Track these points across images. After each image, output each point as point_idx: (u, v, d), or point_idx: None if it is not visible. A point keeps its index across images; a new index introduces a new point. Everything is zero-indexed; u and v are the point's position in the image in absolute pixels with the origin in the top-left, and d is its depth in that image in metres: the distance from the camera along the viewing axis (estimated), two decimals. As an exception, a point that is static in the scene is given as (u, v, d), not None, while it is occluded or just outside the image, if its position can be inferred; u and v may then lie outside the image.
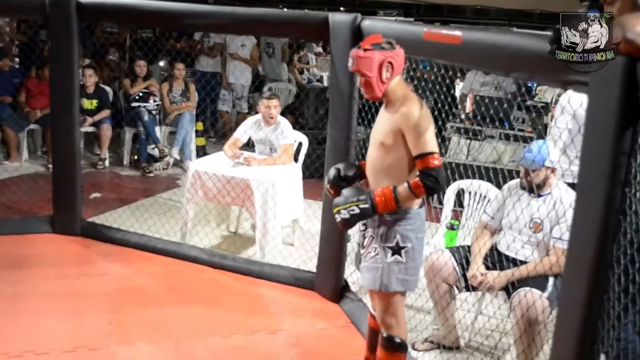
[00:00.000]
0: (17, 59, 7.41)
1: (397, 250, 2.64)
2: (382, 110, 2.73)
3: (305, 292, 3.99)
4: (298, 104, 6.87)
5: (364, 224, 2.76)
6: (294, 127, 5.07)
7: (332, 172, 2.83)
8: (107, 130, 6.62)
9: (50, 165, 5.32)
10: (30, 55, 6.81)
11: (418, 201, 2.67)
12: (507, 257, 3.27)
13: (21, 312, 3.54)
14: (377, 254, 2.68)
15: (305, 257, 4.28)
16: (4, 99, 6.54)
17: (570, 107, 3.53)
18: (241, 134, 4.82)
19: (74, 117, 4.55)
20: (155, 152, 6.64)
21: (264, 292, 4.02)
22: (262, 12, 4.07)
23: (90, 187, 5.72)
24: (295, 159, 4.87)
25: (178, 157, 6.72)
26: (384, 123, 2.65)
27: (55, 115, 4.60)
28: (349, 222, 2.64)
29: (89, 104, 6.59)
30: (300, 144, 4.98)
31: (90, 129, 6.70)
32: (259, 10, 4.14)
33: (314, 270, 4.02)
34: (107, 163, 6.66)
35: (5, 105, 6.55)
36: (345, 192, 2.66)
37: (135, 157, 6.72)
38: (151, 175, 6.49)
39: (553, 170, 3.17)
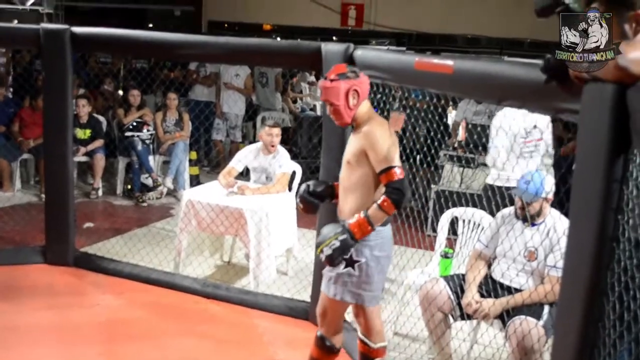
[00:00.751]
0: (11, 89, 7.42)
1: (350, 263, 2.76)
2: (351, 134, 2.88)
3: (299, 322, 3.96)
4: (292, 133, 6.90)
5: None
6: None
7: (302, 188, 3.00)
8: (100, 160, 6.62)
9: (43, 195, 5.30)
10: (24, 85, 6.82)
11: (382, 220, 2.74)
12: (501, 284, 3.25)
13: (12, 344, 3.49)
14: None
15: (299, 286, 4.24)
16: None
17: (504, 126, 3.64)
18: (236, 162, 4.82)
19: (67, 147, 4.55)
20: (149, 182, 6.63)
21: (257, 322, 3.98)
22: (256, 42, 4.11)
23: (83, 216, 5.69)
24: (289, 188, 4.87)
25: (172, 187, 6.71)
26: (351, 144, 2.82)
27: (48, 145, 4.60)
28: (333, 257, 2.73)
29: (82, 133, 6.60)
30: (294, 173, 4.99)
31: (84, 159, 6.70)
32: (252, 40, 4.20)
33: (308, 299, 3.99)
34: (100, 193, 6.64)
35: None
36: (323, 230, 2.78)
37: (129, 186, 6.70)
38: (144, 204, 6.46)
39: (547, 199, 3.18)
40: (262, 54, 4.03)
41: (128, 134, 6.71)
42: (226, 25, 13.61)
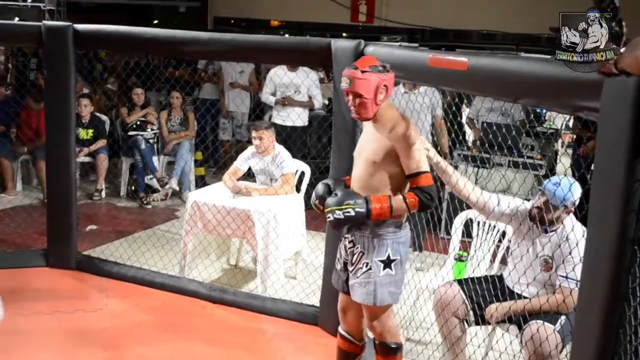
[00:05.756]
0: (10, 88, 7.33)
1: (388, 264, 2.73)
2: (369, 129, 2.80)
3: (309, 328, 3.86)
4: (301, 132, 6.77)
5: (351, 241, 2.81)
6: (296, 157, 4.98)
7: (321, 188, 2.89)
8: (103, 161, 6.52)
9: (43, 196, 5.21)
10: (24, 84, 6.73)
11: (405, 215, 2.77)
12: (512, 292, 3.17)
13: (14, 349, 3.42)
14: (370, 269, 2.74)
15: (308, 290, 4.14)
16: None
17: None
18: (241, 163, 4.72)
19: (70, 148, 4.46)
20: (154, 183, 6.53)
21: (265, 327, 3.88)
22: (263, 39, 4.00)
23: (86, 219, 5.60)
24: (298, 189, 4.76)
25: (177, 188, 6.60)
26: (374, 141, 2.72)
27: (50, 146, 4.50)
28: (342, 223, 2.71)
29: (85, 133, 6.51)
30: (302, 174, 4.88)
31: (87, 159, 6.61)
32: (260, 37, 4.08)
33: (318, 304, 3.88)
34: (103, 194, 6.55)
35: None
36: (340, 193, 2.73)
37: (133, 187, 6.60)
38: (149, 206, 6.36)
39: (568, 210, 3.05)
40: (269, 51, 3.92)
41: (131, 133, 6.61)
42: (233, 21, 13.46)
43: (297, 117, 6.03)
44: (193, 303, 4.13)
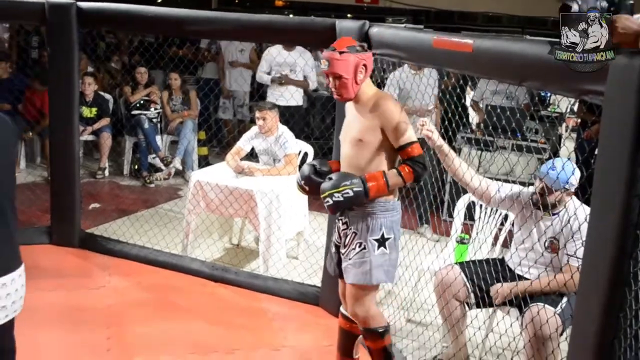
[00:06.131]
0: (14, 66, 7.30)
1: (382, 242, 2.73)
2: (351, 110, 2.81)
3: (309, 308, 3.88)
4: (304, 113, 6.75)
5: (345, 222, 2.80)
6: (298, 137, 4.97)
7: (306, 169, 2.88)
8: (106, 139, 6.52)
9: (47, 174, 5.21)
10: (26, 62, 6.71)
11: (396, 192, 2.80)
12: (514, 274, 3.17)
13: (17, 326, 3.41)
14: (364, 248, 2.73)
15: (310, 271, 4.15)
16: (2, 107, 6.44)
17: None
18: (244, 143, 4.72)
19: (74, 126, 4.46)
20: (157, 162, 6.54)
21: (267, 307, 3.91)
22: (267, 19, 3.98)
23: (89, 197, 5.61)
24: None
25: (180, 167, 6.61)
26: (358, 121, 2.74)
27: (54, 124, 4.50)
28: (340, 206, 2.68)
29: (89, 112, 6.50)
30: (305, 155, 4.87)
31: (90, 138, 6.60)
32: (264, 16, 4.07)
33: (319, 284, 3.90)
34: (106, 173, 6.55)
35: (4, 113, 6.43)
36: (335, 176, 2.73)
37: (136, 166, 6.61)
38: (152, 185, 6.37)
39: (569, 192, 3.05)
40: (273, 31, 3.90)
41: (135, 112, 6.60)
42: (236, 1, 13.36)
43: (290, 97, 5.97)
44: (195, 282, 4.15)
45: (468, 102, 6.50)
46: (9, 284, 2.09)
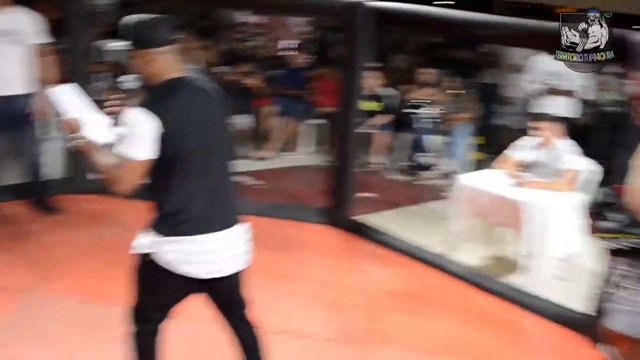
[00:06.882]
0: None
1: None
2: None
3: (572, 334, 3.63)
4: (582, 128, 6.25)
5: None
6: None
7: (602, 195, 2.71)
8: (383, 135, 6.77)
9: (329, 161, 5.58)
10: (319, 55, 7.27)
11: None
12: None
13: (284, 293, 3.77)
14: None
15: (577, 295, 3.86)
16: (292, 92, 7.09)
17: None
18: (517, 152, 4.54)
19: (355, 117, 4.75)
20: (425, 161, 6.63)
21: (525, 324, 3.76)
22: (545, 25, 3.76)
23: (360, 186, 5.90)
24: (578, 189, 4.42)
25: (449, 169, 6.60)
26: None
27: (339, 114, 4.84)
28: (622, 254, 2.36)
29: (373, 106, 6.80)
30: (586, 173, 4.52)
31: (368, 130, 6.92)
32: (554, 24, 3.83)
33: (587, 312, 3.61)
34: (379, 166, 6.81)
35: (292, 99, 7.11)
36: (619, 217, 2.40)
37: (407, 163, 6.79)
38: (418, 182, 6.49)
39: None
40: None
41: (410, 110, 6.77)
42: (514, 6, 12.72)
43: (562, 107, 5.59)
44: (452, 283, 4.15)
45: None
46: (233, 237, 2.31)
